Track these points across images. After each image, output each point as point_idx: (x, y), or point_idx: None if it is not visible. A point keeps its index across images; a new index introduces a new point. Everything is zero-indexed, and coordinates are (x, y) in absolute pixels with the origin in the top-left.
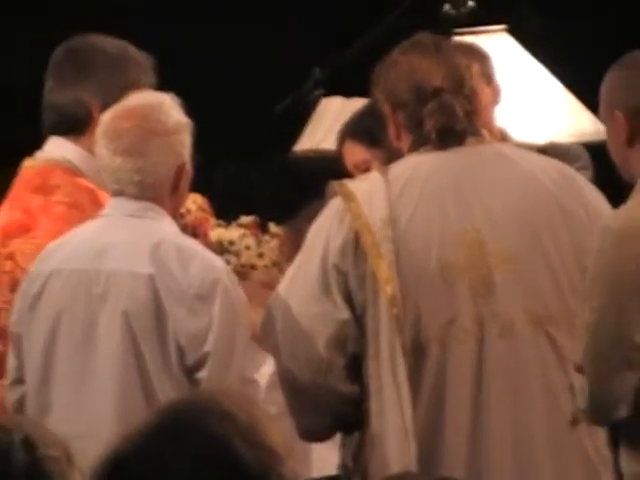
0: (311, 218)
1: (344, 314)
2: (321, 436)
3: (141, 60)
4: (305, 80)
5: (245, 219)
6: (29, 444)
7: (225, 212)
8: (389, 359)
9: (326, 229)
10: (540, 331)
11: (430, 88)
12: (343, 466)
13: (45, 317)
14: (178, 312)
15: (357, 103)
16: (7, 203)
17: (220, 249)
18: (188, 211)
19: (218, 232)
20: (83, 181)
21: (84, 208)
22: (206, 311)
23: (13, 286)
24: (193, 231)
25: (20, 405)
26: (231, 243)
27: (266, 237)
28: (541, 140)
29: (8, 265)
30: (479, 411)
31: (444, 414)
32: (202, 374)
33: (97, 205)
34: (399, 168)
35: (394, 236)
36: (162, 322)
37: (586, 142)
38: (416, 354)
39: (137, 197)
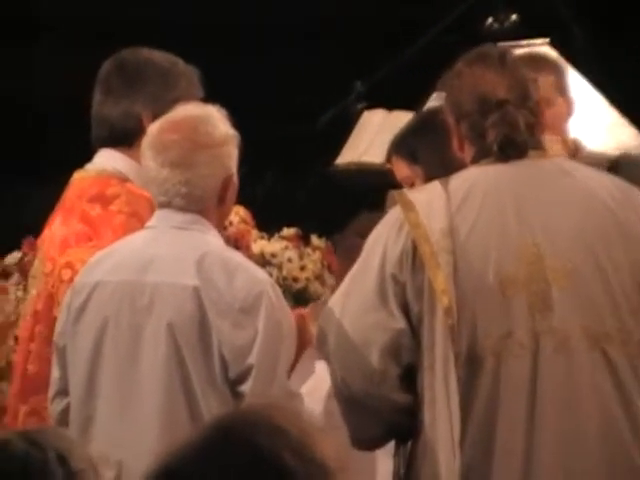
0: (358, 232)
1: (400, 324)
2: (374, 445)
3: (190, 74)
4: (347, 93)
5: (287, 231)
6: (63, 459)
7: (267, 224)
8: (442, 370)
9: (384, 238)
10: (596, 348)
11: (494, 100)
12: (396, 474)
13: (90, 329)
14: (222, 325)
15: (399, 116)
16: (62, 213)
17: (262, 261)
18: (230, 223)
19: (260, 244)
20: (138, 190)
21: (143, 217)
22: (250, 324)
23: None
24: (235, 243)
25: (64, 417)
26: (273, 255)
27: (308, 250)
28: (612, 151)
29: (68, 274)
30: (532, 426)
31: (497, 427)
32: (245, 387)
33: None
34: (459, 179)
35: (453, 247)
36: (206, 334)
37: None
38: (471, 366)
39: (184, 209)
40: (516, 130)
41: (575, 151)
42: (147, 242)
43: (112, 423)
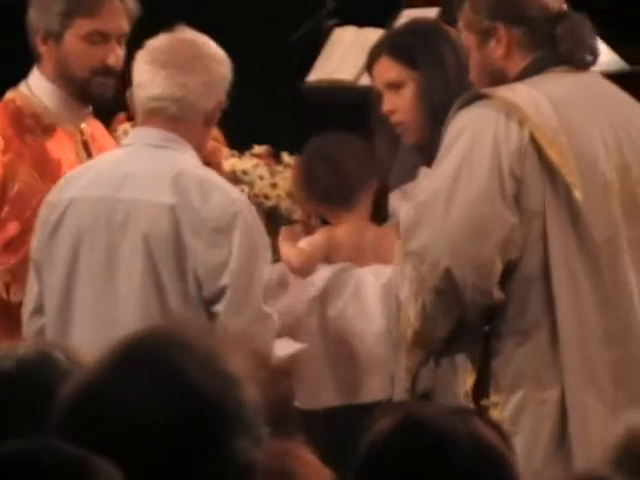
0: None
1: (515, 218)
2: (435, 346)
3: None
4: (319, 10)
5: (258, 149)
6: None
7: (238, 142)
8: (584, 259)
9: (491, 132)
10: None
11: (555, 7)
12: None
13: (65, 244)
14: (197, 243)
15: (370, 33)
16: None
17: (233, 179)
18: None
19: (232, 162)
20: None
21: None
22: (225, 244)
23: None
24: (206, 161)
25: (41, 334)
26: (244, 173)
27: (279, 167)
28: None
29: None
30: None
31: (608, 327)
32: (219, 307)
33: None
34: (550, 84)
35: (568, 144)
36: (181, 252)
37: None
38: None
39: (165, 123)
40: (590, 38)
41: None
42: (122, 159)
43: (88, 336)
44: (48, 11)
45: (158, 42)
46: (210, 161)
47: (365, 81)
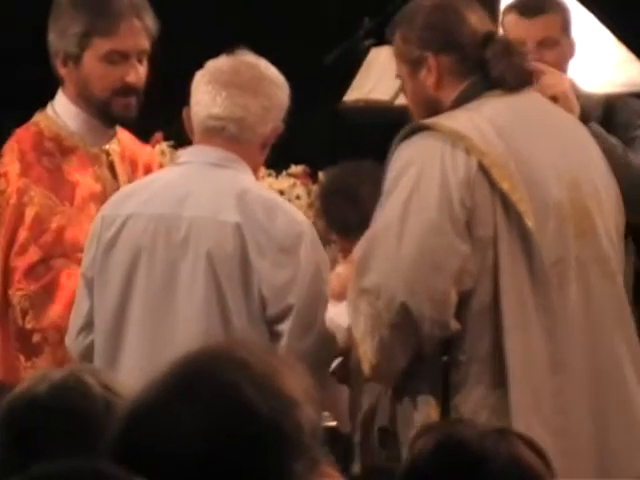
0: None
1: (468, 248)
2: (394, 378)
3: (123, 6)
4: (356, 30)
5: (295, 169)
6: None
7: (275, 162)
8: (531, 289)
9: (436, 163)
10: (609, 275)
11: (482, 31)
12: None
13: (122, 261)
14: (263, 263)
15: None
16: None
17: None
18: None
19: (268, 182)
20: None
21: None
22: (290, 263)
23: None
24: None
25: (89, 352)
26: (281, 193)
27: (316, 187)
28: (600, 90)
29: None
30: (592, 350)
31: (561, 351)
32: (284, 326)
33: None
34: (488, 109)
35: (516, 170)
36: (247, 272)
37: (637, 92)
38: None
39: (224, 143)
40: (523, 57)
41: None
42: (182, 177)
43: (142, 356)
44: (66, 34)
45: (219, 63)
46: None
47: (402, 101)
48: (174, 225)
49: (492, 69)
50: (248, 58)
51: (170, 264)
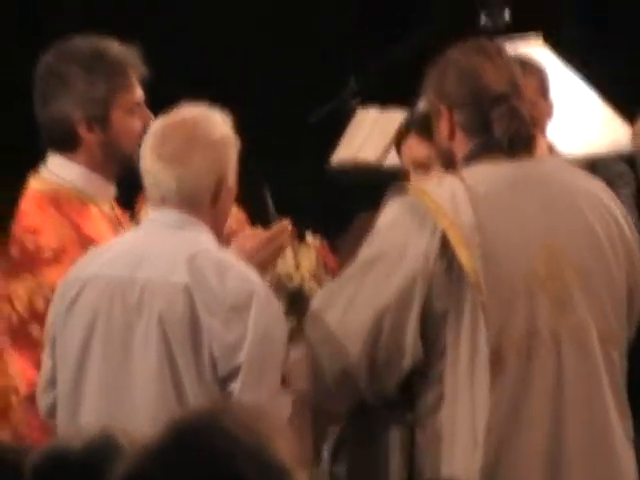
0: (362, 234)
1: (414, 324)
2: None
3: (123, 59)
4: (342, 90)
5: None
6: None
7: (261, 221)
8: (468, 365)
9: (402, 231)
10: (603, 349)
11: (495, 92)
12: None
13: (81, 321)
14: (213, 322)
15: (393, 113)
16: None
17: None
18: None
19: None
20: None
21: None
22: (241, 322)
23: None
24: (228, 239)
25: (52, 410)
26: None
27: (303, 247)
28: (579, 151)
29: (6, 309)
30: (559, 428)
31: (520, 427)
32: (234, 385)
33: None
34: (476, 175)
35: (481, 242)
36: (197, 333)
37: (621, 152)
38: (493, 363)
39: (177, 207)
40: (524, 125)
41: (550, 153)
42: (140, 239)
43: (97, 415)
44: (87, 99)
45: (155, 127)
46: (232, 241)
47: (389, 162)
48: (129, 288)
49: (495, 131)
50: (182, 117)
51: (125, 327)
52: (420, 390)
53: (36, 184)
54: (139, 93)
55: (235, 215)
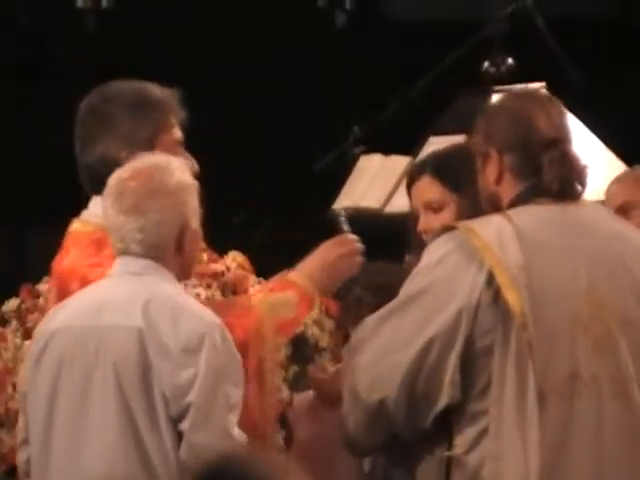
0: (364, 285)
1: (455, 362)
2: (371, 451)
3: (164, 100)
4: (345, 137)
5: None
6: None
7: (265, 270)
8: (515, 401)
9: (450, 270)
10: (627, 395)
11: (546, 136)
12: None
13: (46, 375)
14: (164, 365)
15: (396, 160)
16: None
17: None
18: (228, 269)
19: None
20: None
21: None
22: (192, 363)
23: None
24: (233, 289)
25: (28, 467)
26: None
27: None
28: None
29: None
30: (600, 467)
31: (561, 471)
32: (184, 425)
33: None
34: (525, 216)
35: (527, 283)
36: (148, 376)
37: None
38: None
39: (140, 256)
40: (576, 170)
41: None
42: (103, 289)
43: (64, 469)
44: (133, 140)
45: (111, 182)
46: (237, 290)
47: (391, 209)
48: (90, 335)
49: (544, 175)
50: (136, 168)
51: (85, 376)
52: (458, 426)
53: (79, 227)
54: (179, 134)
55: (237, 260)
